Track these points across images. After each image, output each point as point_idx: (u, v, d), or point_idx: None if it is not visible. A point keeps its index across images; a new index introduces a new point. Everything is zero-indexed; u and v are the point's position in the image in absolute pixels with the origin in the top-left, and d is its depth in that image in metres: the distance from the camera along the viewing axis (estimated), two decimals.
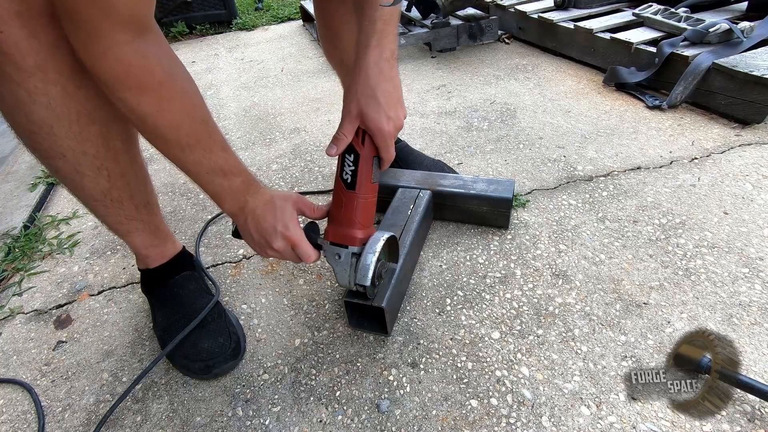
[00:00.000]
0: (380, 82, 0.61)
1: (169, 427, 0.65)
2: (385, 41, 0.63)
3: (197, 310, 0.73)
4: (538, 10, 1.78)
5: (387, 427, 0.62)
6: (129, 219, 0.70)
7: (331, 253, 0.65)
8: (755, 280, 0.75)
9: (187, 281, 0.77)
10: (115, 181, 0.64)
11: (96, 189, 0.63)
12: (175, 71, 0.51)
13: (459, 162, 1.15)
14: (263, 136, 1.40)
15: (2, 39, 0.46)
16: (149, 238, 0.74)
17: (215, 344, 0.70)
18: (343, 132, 0.62)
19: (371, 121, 0.61)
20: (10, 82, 0.50)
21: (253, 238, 0.63)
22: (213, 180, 0.59)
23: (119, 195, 0.66)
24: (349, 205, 0.64)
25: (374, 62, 0.62)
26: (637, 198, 0.96)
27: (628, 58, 1.41)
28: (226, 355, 0.70)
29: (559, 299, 0.76)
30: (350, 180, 0.63)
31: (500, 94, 1.48)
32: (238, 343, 0.72)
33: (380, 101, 0.60)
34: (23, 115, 0.53)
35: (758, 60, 1.14)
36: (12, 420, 0.68)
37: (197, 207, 1.10)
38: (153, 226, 0.74)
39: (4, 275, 0.95)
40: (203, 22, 2.57)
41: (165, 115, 0.51)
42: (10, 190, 1.22)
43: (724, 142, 1.10)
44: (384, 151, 0.63)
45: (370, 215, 0.66)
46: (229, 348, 0.70)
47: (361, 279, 0.61)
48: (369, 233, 0.65)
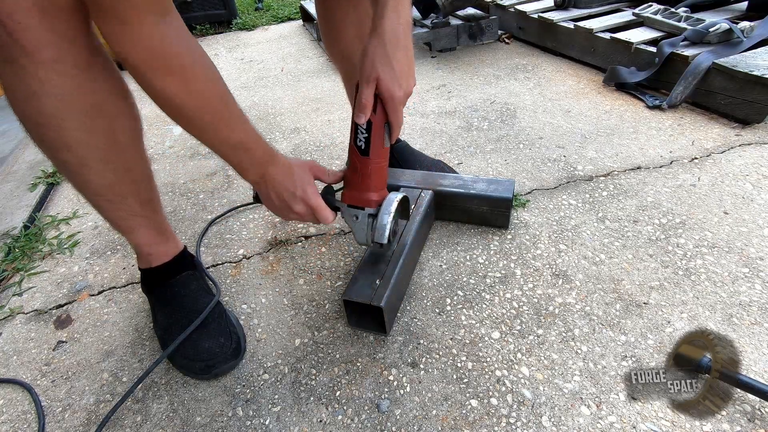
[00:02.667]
0: (396, 49, 0.63)
1: (169, 427, 0.65)
2: (401, 7, 0.64)
3: (198, 310, 0.73)
4: (538, 10, 1.78)
5: (387, 427, 0.62)
6: (133, 215, 0.70)
7: (349, 215, 0.70)
8: (755, 280, 0.75)
9: (189, 281, 0.77)
10: (121, 176, 0.65)
11: (101, 183, 0.64)
12: (196, 52, 0.53)
13: (459, 162, 1.15)
14: (263, 136, 1.40)
15: (20, 31, 0.48)
16: (152, 235, 0.74)
17: (216, 344, 0.70)
18: (366, 98, 0.63)
19: (385, 87, 0.62)
20: (24, 73, 0.51)
21: (275, 203, 0.68)
22: (236, 153, 0.62)
23: (124, 190, 0.67)
24: (363, 170, 0.68)
25: (391, 28, 0.63)
26: (637, 198, 0.96)
27: (628, 58, 1.41)
28: (227, 355, 0.70)
29: (559, 299, 0.76)
30: (364, 147, 0.67)
31: (500, 94, 1.48)
32: (238, 343, 0.72)
33: (395, 68, 0.62)
34: (33, 107, 0.54)
35: (758, 60, 1.14)
36: (12, 420, 0.68)
37: (197, 207, 1.10)
38: (156, 224, 0.74)
39: (4, 275, 0.95)
40: (203, 22, 2.57)
41: (190, 96, 0.52)
42: (10, 190, 1.22)
43: (724, 141, 1.10)
44: (394, 117, 0.66)
45: (383, 178, 0.71)
46: (229, 348, 0.70)
47: (379, 237, 0.67)
48: (383, 195, 0.70)
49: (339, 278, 0.86)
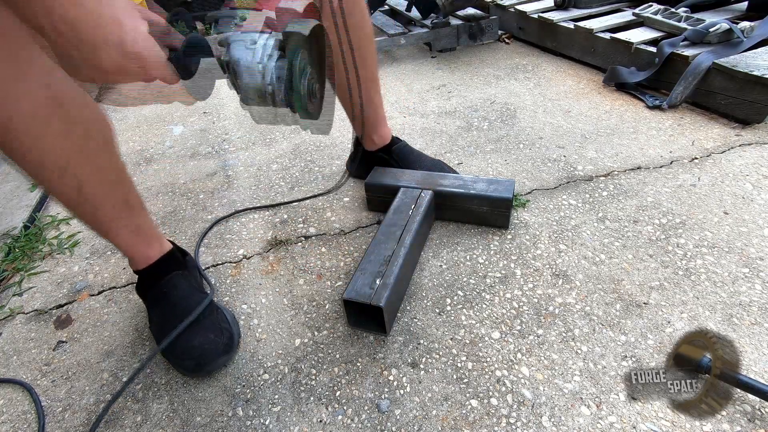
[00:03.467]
0: None
1: (169, 427, 0.65)
2: None
3: (189, 308, 0.72)
4: (538, 10, 1.78)
5: (387, 427, 0.62)
6: (109, 219, 0.69)
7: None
8: (755, 280, 0.75)
9: (178, 280, 0.76)
10: (88, 179, 0.62)
11: (69, 188, 0.62)
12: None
13: (459, 162, 1.15)
14: (263, 136, 1.40)
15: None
16: (131, 238, 0.73)
17: (206, 341, 0.69)
18: None
19: None
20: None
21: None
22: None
23: (94, 192, 0.64)
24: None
25: None
26: (637, 198, 0.96)
27: (628, 58, 1.41)
28: (218, 351, 0.69)
29: (559, 299, 0.76)
30: None
31: (500, 94, 1.48)
32: (231, 339, 0.72)
33: None
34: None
35: (758, 60, 1.14)
36: (12, 420, 0.68)
37: (197, 207, 1.10)
38: (134, 227, 0.73)
39: (4, 275, 0.95)
40: None
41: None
42: (10, 190, 1.22)
43: (724, 142, 1.10)
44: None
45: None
46: (220, 344, 0.70)
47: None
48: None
49: (339, 278, 0.86)
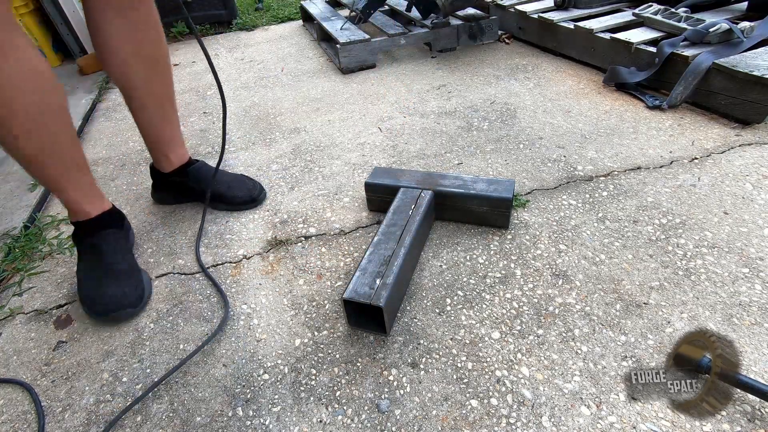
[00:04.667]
0: None
1: (169, 427, 0.65)
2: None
3: (114, 263, 0.84)
4: (538, 10, 1.78)
5: (387, 427, 0.62)
6: (62, 176, 0.79)
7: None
8: (755, 280, 0.75)
9: (110, 237, 0.87)
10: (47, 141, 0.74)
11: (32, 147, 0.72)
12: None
13: (459, 162, 1.15)
14: (263, 136, 1.40)
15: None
16: (80, 194, 0.83)
17: (120, 292, 0.80)
18: None
19: None
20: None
21: None
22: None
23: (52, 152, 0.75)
24: None
25: None
26: (637, 198, 0.96)
27: (628, 58, 1.41)
28: (128, 302, 0.80)
29: (559, 299, 0.76)
30: None
31: (500, 94, 1.48)
32: (141, 296, 0.82)
33: None
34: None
35: (758, 60, 1.14)
36: (12, 420, 0.68)
37: (197, 207, 1.10)
38: (84, 184, 0.84)
39: (4, 275, 0.95)
40: (203, 22, 2.56)
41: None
42: (10, 190, 1.22)
43: (724, 142, 1.10)
44: None
45: None
46: (132, 297, 0.81)
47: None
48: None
49: (339, 278, 0.86)
